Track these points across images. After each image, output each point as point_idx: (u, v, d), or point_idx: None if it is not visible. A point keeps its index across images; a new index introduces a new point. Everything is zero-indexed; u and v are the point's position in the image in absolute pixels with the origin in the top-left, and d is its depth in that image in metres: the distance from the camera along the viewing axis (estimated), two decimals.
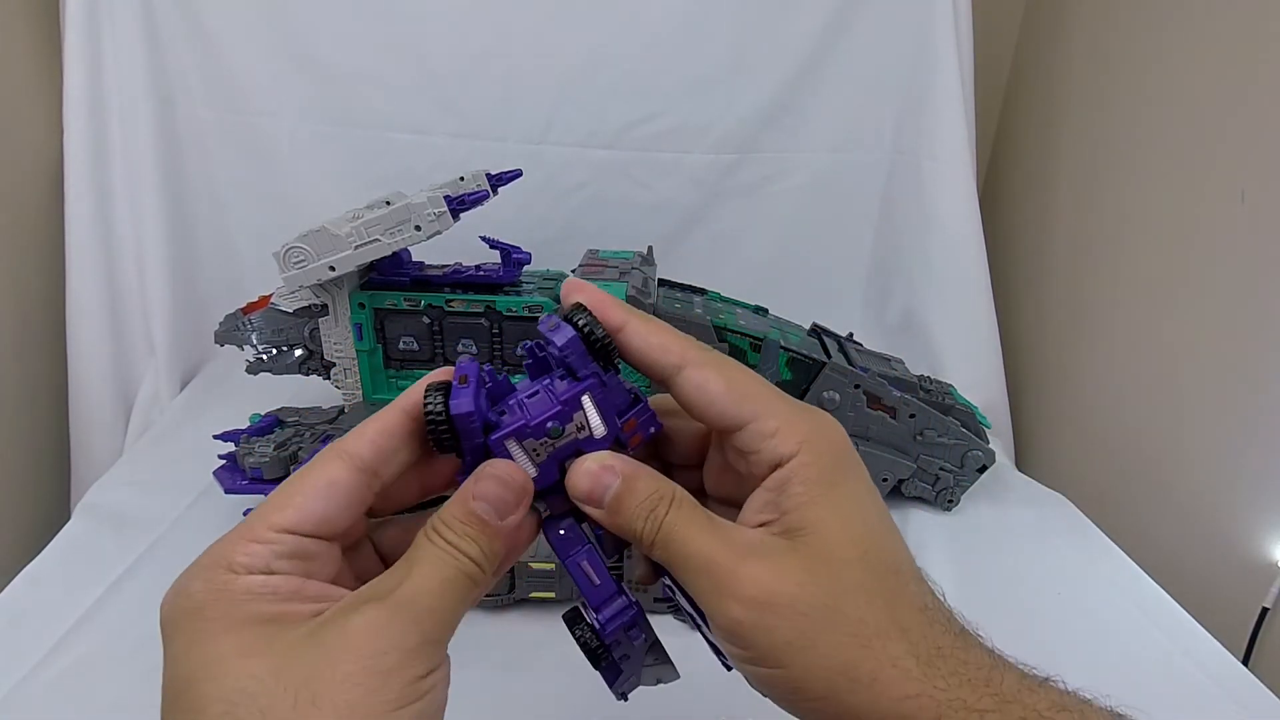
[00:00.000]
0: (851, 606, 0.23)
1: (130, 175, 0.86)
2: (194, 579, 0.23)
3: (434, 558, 0.23)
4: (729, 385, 0.26)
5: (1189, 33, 0.73)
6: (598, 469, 0.25)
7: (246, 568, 0.22)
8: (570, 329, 0.25)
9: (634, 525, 0.25)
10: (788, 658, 0.23)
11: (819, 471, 0.25)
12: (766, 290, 0.81)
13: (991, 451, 0.68)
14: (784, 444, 0.25)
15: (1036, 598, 0.60)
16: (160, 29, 0.85)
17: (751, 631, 0.23)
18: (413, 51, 0.89)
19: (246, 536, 0.23)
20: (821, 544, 0.24)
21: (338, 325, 0.68)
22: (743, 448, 0.25)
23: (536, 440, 0.25)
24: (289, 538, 0.23)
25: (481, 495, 0.24)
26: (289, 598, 0.22)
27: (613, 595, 0.26)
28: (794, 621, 0.23)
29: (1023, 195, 1.01)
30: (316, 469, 0.24)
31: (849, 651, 0.23)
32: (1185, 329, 0.72)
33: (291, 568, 0.23)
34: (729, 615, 0.24)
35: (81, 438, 0.86)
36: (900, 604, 0.24)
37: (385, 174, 0.88)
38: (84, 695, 0.48)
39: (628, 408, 0.26)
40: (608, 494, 0.25)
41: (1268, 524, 0.63)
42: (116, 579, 0.58)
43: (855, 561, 0.24)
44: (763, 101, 0.93)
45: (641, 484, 0.25)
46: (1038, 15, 1.00)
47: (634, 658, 0.27)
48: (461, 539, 0.24)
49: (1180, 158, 0.73)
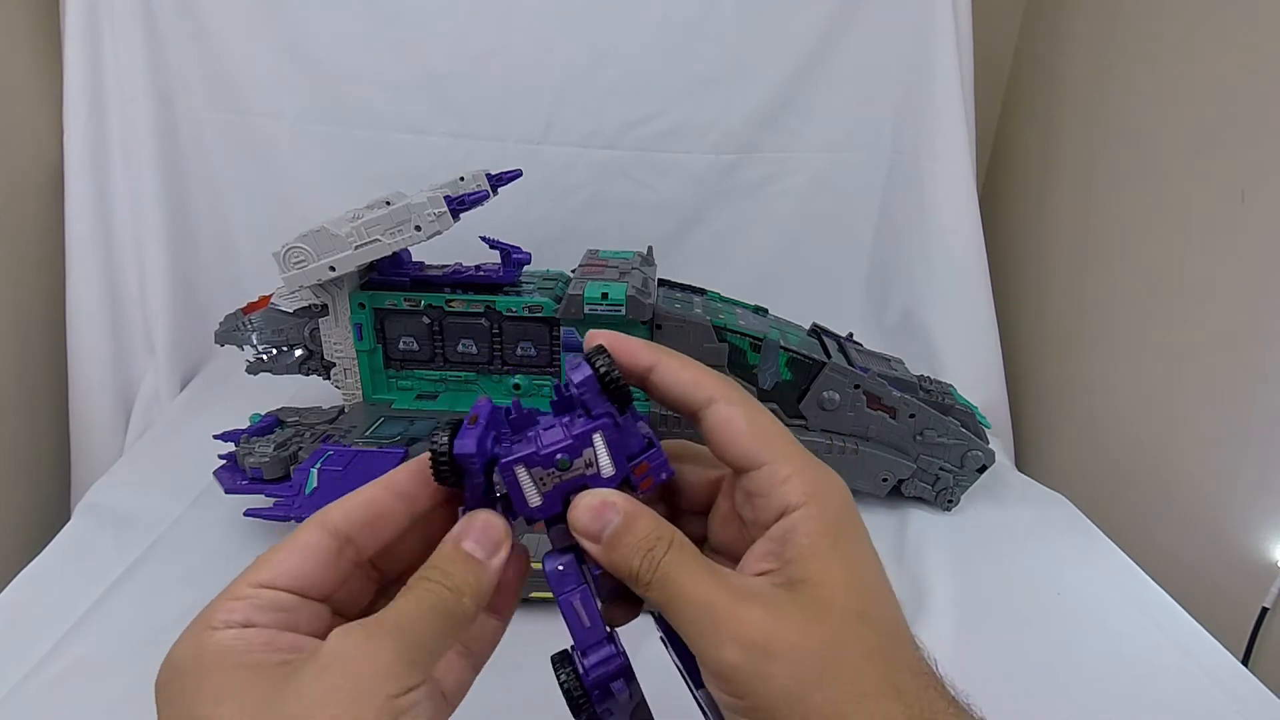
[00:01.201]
0: (850, 661, 0.23)
1: (130, 175, 0.86)
2: (178, 646, 0.23)
3: (419, 589, 0.24)
4: (752, 425, 0.26)
5: (1189, 33, 0.73)
6: (599, 504, 0.25)
7: (225, 623, 0.23)
8: (588, 368, 0.26)
9: (630, 563, 0.25)
10: (783, 707, 0.23)
11: (825, 525, 0.25)
12: (766, 290, 0.81)
13: (991, 451, 0.68)
14: (794, 492, 0.25)
15: (1036, 598, 0.60)
16: (160, 29, 0.85)
17: (748, 678, 0.23)
18: (413, 51, 0.89)
19: (227, 596, 0.24)
20: (823, 596, 0.24)
21: (338, 325, 0.68)
22: (754, 490, 0.26)
23: (544, 470, 0.25)
24: (266, 592, 0.24)
25: (467, 535, 0.25)
26: (261, 648, 0.23)
27: (601, 641, 0.26)
28: (791, 669, 0.23)
29: (1023, 195, 1.01)
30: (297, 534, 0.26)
31: (844, 706, 0.23)
32: (1185, 329, 0.72)
33: (269, 620, 0.24)
34: (724, 659, 0.23)
35: (81, 438, 0.86)
36: (897, 665, 0.24)
37: (385, 174, 0.88)
38: (84, 695, 0.48)
39: (640, 451, 0.27)
40: (607, 530, 0.25)
41: (1268, 524, 0.63)
42: (116, 579, 0.57)
43: (855, 617, 0.24)
44: (763, 101, 0.93)
45: (641, 523, 0.25)
46: (1038, 15, 1.00)
47: (616, 714, 0.27)
48: (448, 575, 0.24)
49: (1180, 158, 0.73)
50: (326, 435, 0.64)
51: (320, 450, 0.60)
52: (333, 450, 0.60)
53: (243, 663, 0.22)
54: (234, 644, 0.23)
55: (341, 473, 0.58)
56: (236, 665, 0.22)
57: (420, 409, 0.69)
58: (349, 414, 0.68)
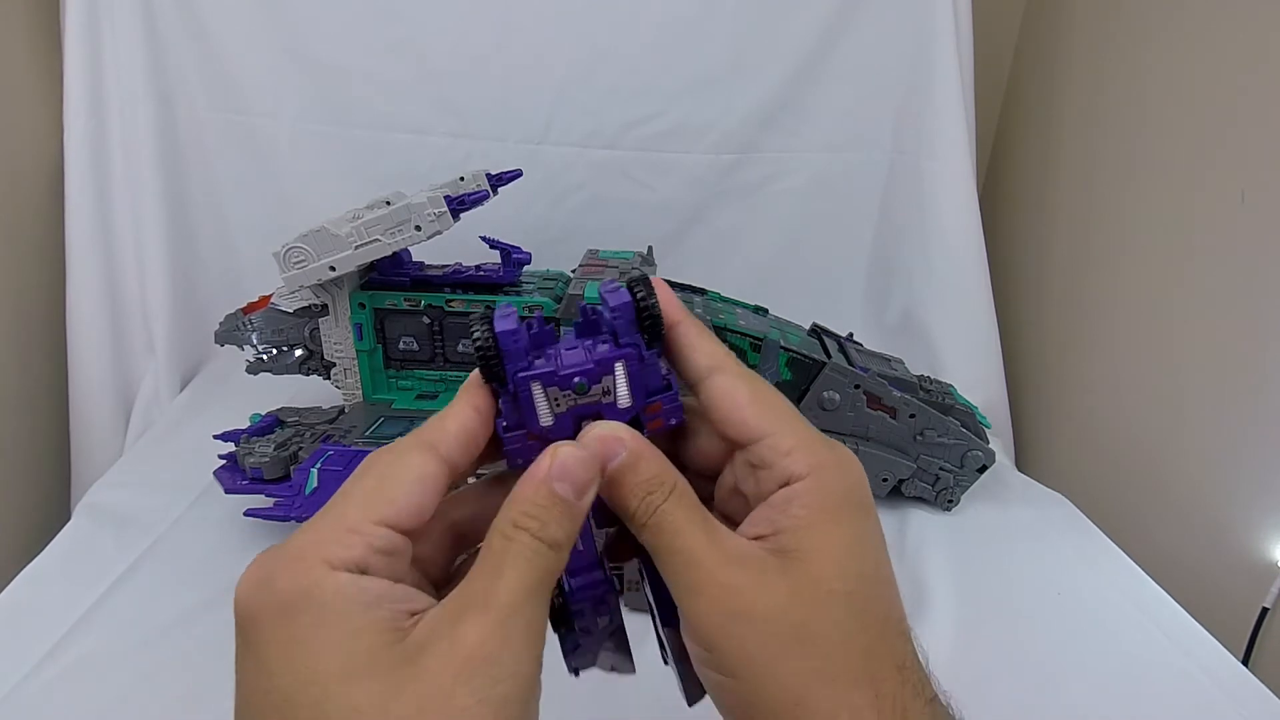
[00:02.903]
0: (825, 640, 0.23)
1: (130, 175, 0.86)
2: (280, 571, 0.21)
3: (522, 557, 0.22)
4: (754, 396, 0.25)
5: (1189, 33, 0.73)
6: (608, 435, 0.24)
7: (342, 562, 0.21)
8: (626, 295, 0.25)
9: (629, 502, 0.24)
10: (747, 671, 0.23)
11: (824, 500, 0.24)
12: (766, 290, 0.81)
13: (991, 451, 0.68)
14: (797, 464, 0.24)
15: (1036, 598, 0.60)
16: (160, 29, 0.85)
17: (719, 636, 0.23)
18: (413, 51, 0.89)
19: (343, 526, 0.22)
20: (811, 571, 0.23)
21: (338, 325, 0.68)
22: (757, 462, 0.25)
23: (560, 391, 0.25)
24: (384, 532, 0.22)
25: (561, 474, 0.23)
26: (376, 602, 0.21)
27: (591, 566, 0.26)
28: (764, 637, 0.23)
29: (1023, 195, 1.01)
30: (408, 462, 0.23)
31: (811, 684, 0.22)
32: (1185, 329, 0.72)
33: (383, 567, 0.22)
34: (700, 614, 0.23)
35: (81, 438, 0.86)
36: (877, 655, 0.23)
37: (385, 174, 0.88)
38: (84, 695, 0.48)
39: (657, 391, 0.26)
40: (611, 463, 0.24)
41: (1268, 524, 0.63)
42: (116, 579, 0.57)
43: (841, 597, 0.23)
44: (763, 101, 0.93)
45: (646, 463, 0.25)
46: (1038, 15, 1.00)
47: (595, 635, 0.27)
48: (547, 525, 0.22)
49: (1180, 158, 0.73)
50: (326, 435, 0.64)
51: (320, 450, 0.60)
52: (333, 450, 0.60)
53: (367, 624, 0.20)
54: (356, 595, 0.20)
55: (341, 473, 0.58)
56: (361, 626, 0.20)
57: (420, 409, 0.69)
58: (349, 414, 0.68)
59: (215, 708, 0.47)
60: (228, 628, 0.22)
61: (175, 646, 0.52)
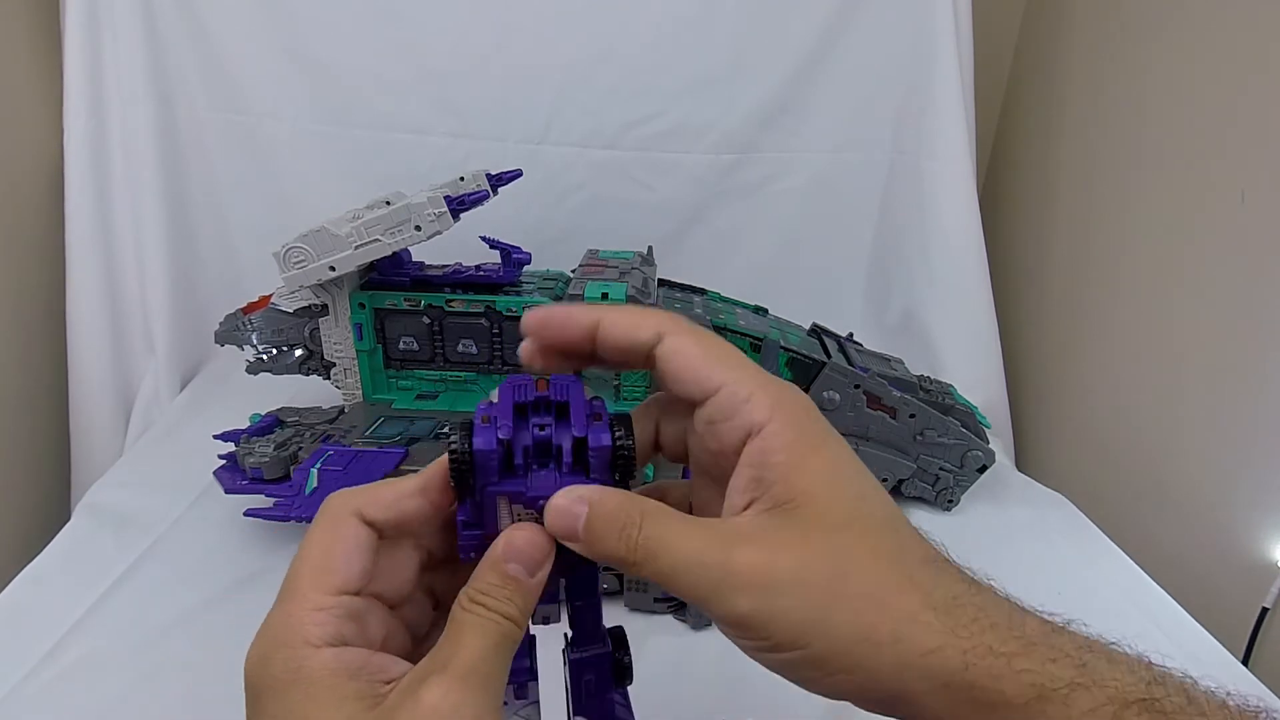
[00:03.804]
0: (857, 570, 0.23)
1: (130, 175, 0.86)
2: (273, 655, 0.23)
3: (479, 626, 0.24)
4: (704, 349, 0.26)
5: (1189, 33, 0.73)
6: (566, 504, 0.25)
7: (321, 639, 0.23)
8: (609, 438, 0.26)
9: (613, 550, 0.24)
10: (805, 637, 0.22)
11: (797, 436, 0.24)
12: (766, 290, 0.81)
13: (991, 451, 0.68)
14: (758, 409, 0.24)
15: (1036, 598, 0.59)
16: (160, 29, 0.85)
17: (762, 621, 0.23)
18: (413, 51, 0.89)
19: (309, 606, 0.24)
20: (813, 512, 0.24)
21: (338, 325, 0.68)
22: (716, 416, 0.25)
23: (524, 509, 0.26)
24: (346, 599, 0.24)
25: (513, 556, 0.25)
26: (358, 673, 0.23)
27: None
28: (803, 598, 0.23)
29: (1023, 195, 1.01)
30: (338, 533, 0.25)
31: (866, 615, 0.22)
32: (1185, 329, 0.72)
33: (354, 635, 0.24)
34: (734, 610, 0.23)
35: (81, 438, 0.86)
36: (905, 559, 0.24)
37: (385, 174, 0.88)
38: (84, 695, 0.48)
39: None
40: (579, 524, 0.24)
41: (1268, 524, 0.63)
42: (116, 579, 0.57)
43: (851, 524, 0.24)
44: (763, 101, 0.93)
45: (610, 506, 0.24)
46: (1038, 15, 1.00)
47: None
48: (501, 602, 0.24)
49: (1180, 158, 0.73)
50: (326, 435, 0.64)
51: (320, 450, 0.60)
52: (333, 450, 0.60)
53: (350, 693, 0.23)
54: (337, 668, 0.23)
55: (341, 473, 0.58)
56: (345, 695, 0.22)
57: (420, 409, 0.69)
58: (349, 414, 0.68)
59: (215, 708, 0.47)
60: (227, 628, 0.22)
61: (175, 646, 0.52)
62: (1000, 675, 0.22)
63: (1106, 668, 0.23)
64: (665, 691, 0.43)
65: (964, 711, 0.22)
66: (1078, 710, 0.22)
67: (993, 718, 0.22)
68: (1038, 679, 0.22)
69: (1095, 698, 0.22)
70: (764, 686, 0.50)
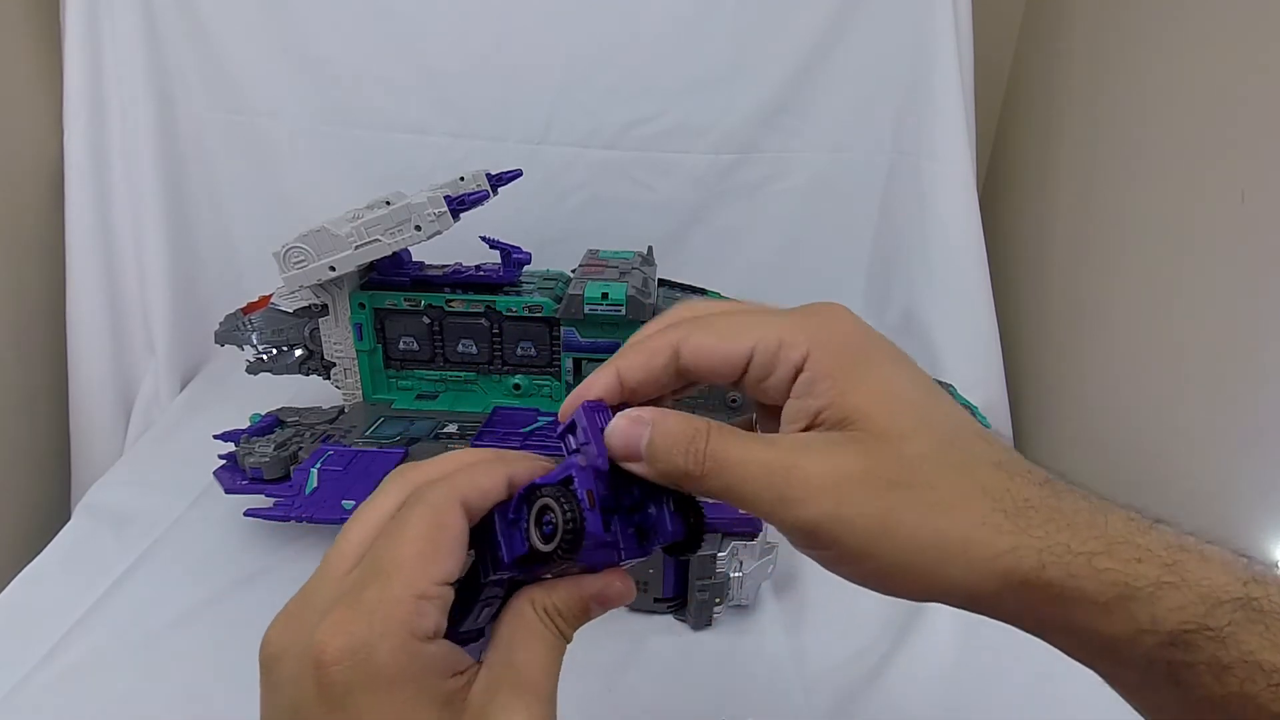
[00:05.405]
0: (922, 478, 0.23)
1: (130, 175, 0.86)
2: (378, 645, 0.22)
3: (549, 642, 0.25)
4: (717, 333, 0.26)
5: (1189, 33, 0.73)
6: (627, 424, 0.25)
7: (424, 632, 0.23)
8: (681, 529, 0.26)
9: (677, 463, 0.24)
10: (874, 546, 0.23)
11: (837, 360, 0.24)
12: (766, 290, 0.81)
13: None
14: (794, 350, 0.24)
15: None
16: (160, 29, 0.85)
17: (831, 528, 0.23)
18: (413, 51, 0.89)
19: (413, 592, 0.23)
20: (872, 427, 0.23)
21: (338, 325, 0.68)
22: (760, 375, 0.25)
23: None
24: (446, 590, 0.24)
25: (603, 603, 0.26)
26: (449, 670, 0.23)
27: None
28: (869, 507, 0.23)
29: (1023, 195, 1.01)
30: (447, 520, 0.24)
31: (934, 521, 0.22)
32: (1185, 329, 0.72)
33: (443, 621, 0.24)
34: (803, 517, 0.23)
35: (81, 438, 0.86)
36: (972, 465, 0.23)
37: (385, 174, 0.88)
38: (84, 695, 0.48)
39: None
40: (642, 443, 0.24)
41: (1268, 524, 0.63)
42: (116, 579, 0.58)
43: (912, 434, 0.23)
44: (763, 101, 0.93)
45: (673, 423, 0.24)
46: (1038, 15, 1.00)
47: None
48: (570, 627, 0.25)
49: (1180, 158, 0.73)
50: (326, 435, 0.64)
51: (320, 450, 0.60)
52: (333, 450, 0.60)
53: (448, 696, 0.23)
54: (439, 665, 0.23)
55: (341, 473, 0.58)
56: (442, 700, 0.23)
57: (420, 409, 0.69)
58: (349, 414, 0.69)
59: (215, 707, 0.47)
60: (227, 627, 0.22)
61: (175, 646, 0.52)
62: (1079, 574, 0.22)
63: (1198, 566, 0.22)
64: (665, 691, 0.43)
65: (1045, 611, 0.22)
66: (1163, 608, 0.21)
67: (1075, 615, 0.22)
68: (1120, 577, 0.22)
69: (1185, 596, 0.21)
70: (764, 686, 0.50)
